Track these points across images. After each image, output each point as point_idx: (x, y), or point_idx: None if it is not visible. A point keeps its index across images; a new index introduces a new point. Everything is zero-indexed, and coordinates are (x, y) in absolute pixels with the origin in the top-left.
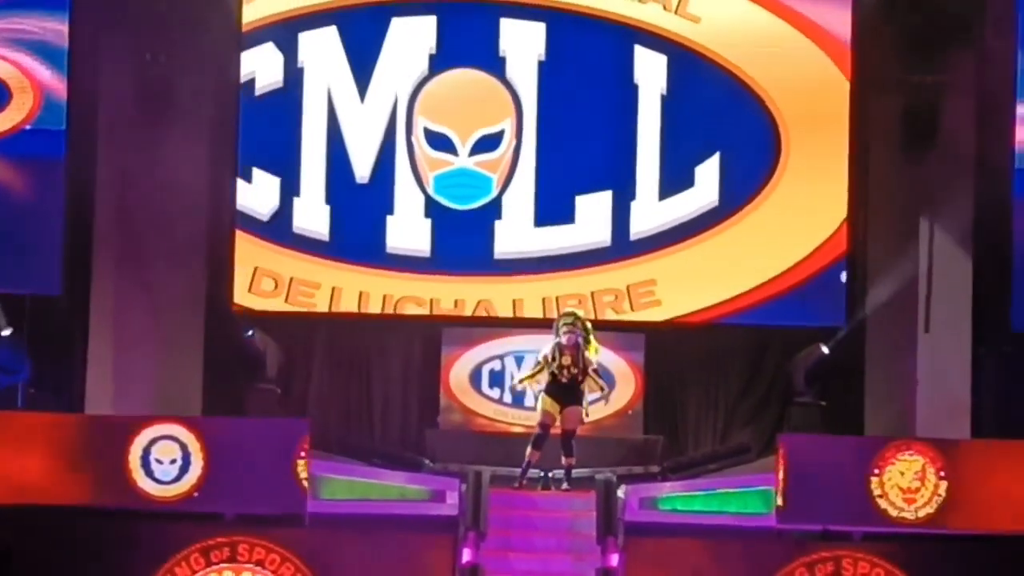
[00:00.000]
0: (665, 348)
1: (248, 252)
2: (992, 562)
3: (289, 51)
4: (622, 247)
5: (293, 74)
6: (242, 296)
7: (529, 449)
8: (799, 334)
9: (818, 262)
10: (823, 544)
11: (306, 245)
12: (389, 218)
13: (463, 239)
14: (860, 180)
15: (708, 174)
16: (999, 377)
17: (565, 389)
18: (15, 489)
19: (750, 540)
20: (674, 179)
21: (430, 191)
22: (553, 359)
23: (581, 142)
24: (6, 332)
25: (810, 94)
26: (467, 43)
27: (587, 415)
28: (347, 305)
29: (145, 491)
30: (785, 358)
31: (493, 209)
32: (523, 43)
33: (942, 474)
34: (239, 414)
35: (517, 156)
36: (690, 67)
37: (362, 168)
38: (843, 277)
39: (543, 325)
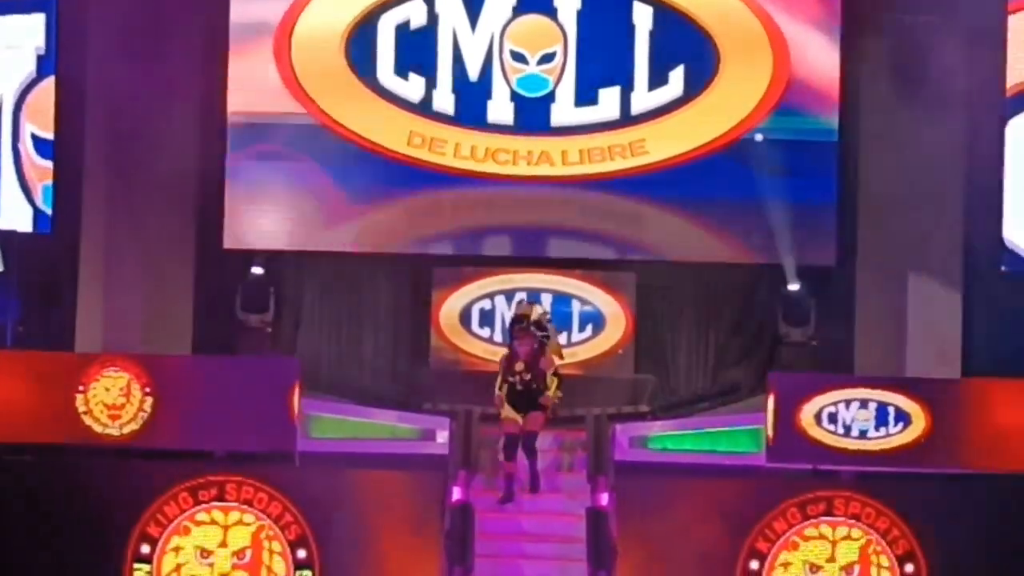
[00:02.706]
0: (655, 287)
1: (405, 122)
2: (980, 500)
3: (430, 3)
4: (626, 119)
5: (433, 17)
6: (401, 147)
7: (502, 459)
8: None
9: (740, 130)
10: (815, 483)
11: (440, 117)
12: (489, 102)
13: (532, 115)
14: (851, 121)
15: (677, 77)
16: (989, 317)
17: (522, 397)
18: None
19: (741, 479)
20: (656, 79)
21: (513, 86)
22: (508, 367)
23: (602, 57)
24: None
25: (737, 31)
26: None
27: (556, 404)
28: (465, 152)
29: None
30: (775, 298)
31: (549, 97)
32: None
33: None
34: (230, 353)
35: (564, 66)
36: (666, 14)
37: (473, 72)
38: (758, 137)
39: (531, 265)
